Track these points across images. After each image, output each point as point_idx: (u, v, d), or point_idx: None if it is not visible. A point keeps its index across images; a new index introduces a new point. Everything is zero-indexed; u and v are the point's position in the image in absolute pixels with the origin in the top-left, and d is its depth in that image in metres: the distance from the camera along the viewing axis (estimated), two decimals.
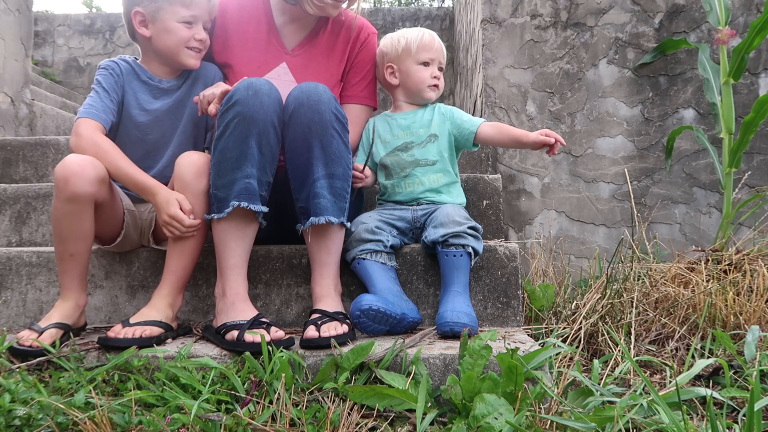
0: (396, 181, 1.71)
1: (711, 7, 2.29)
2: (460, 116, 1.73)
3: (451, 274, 1.50)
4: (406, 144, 1.71)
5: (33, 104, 2.99)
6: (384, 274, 1.53)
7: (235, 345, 1.28)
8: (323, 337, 1.29)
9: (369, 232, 1.57)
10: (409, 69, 1.73)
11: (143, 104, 1.61)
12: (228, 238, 1.42)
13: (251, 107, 1.38)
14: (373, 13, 5.21)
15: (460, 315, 1.41)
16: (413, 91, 1.74)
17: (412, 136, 1.72)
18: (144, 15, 1.58)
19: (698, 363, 1.22)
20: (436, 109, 1.76)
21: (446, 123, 1.72)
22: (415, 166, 1.69)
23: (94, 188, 1.38)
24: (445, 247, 1.51)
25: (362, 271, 1.55)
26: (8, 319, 1.61)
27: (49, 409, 1.03)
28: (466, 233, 1.51)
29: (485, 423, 0.99)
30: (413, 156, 1.70)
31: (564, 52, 2.64)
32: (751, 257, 1.91)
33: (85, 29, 5.20)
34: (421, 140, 1.71)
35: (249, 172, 1.39)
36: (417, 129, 1.72)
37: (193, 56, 1.60)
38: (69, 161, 1.36)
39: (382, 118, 1.80)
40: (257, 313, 1.37)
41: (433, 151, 1.70)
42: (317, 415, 1.09)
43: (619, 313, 1.69)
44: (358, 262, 1.55)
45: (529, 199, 2.60)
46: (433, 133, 1.71)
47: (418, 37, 1.72)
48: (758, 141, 2.56)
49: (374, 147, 1.75)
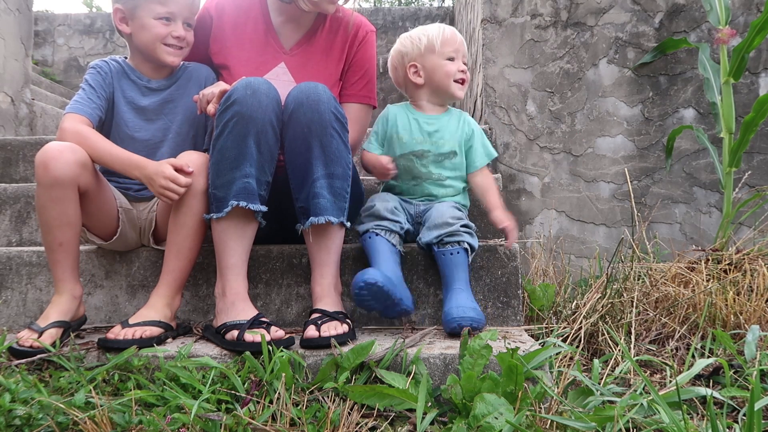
0: (405, 185, 1.69)
1: (711, 6, 2.29)
2: (477, 144, 1.69)
3: (451, 272, 1.50)
4: (423, 152, 1.66)
5: (33, 104, 2.99)
6: (392, 256, 1.51)
7: (235, 345, 1.28)
8: (323, 337, 1.29)
9: (388, 211, 1.56)
10: (435, 65, 1.66)
11: (132, 101, 1.62)
12: (227, 238, 1.42)
13: (250, 107, 1.38)
14: (373, 12, 5.21)
15: (466, 310, 1.40)
16: (441, 88, 1.68)
17: (432, 145, 1.66)
18: (123, 12, 1.59)
19: (698, 362, 1.22)
20: (462, 123, 1.71)
21: (464, 143, 1.69)
22: (427, 178, 1.66)
23: (75, 171, 1.37)
24: (441, 246, 1.51)
25: (371, 246, 1.52)
26: (8, 318, 1.61)
27: (50, 409, 1.03)
28: (460, 231, 1.51)
29: (485, 423, 0.99)
30: (427, 168, 1.66)
31: (564, 51, 2.64)
32: (752, 257, 1.91)
33: (86, 29, 5.19)
34: (440, 153, 1.66)
35: (248, 171, 1.39)
36: (438, 139, 1.67)
37: (171, 53, 1.60)
38: (48, 147, 1.36)
39: (404, 111, 1.73)
40: (257, 312, 1.37)
41: (448, 169, 1.67)
42: (317, 415, 1.09)
43: (619, 313, 1.69)
44: (370, 236, 1.53)
45: (530, 199, 2.59)
46: (452, 150, 1.67)
47: (439, 32, 1.67)
48: (758, 140, 2.56)
49: (390, 140, 1.70)
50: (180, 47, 1.61)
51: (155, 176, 1.40)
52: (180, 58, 1.63)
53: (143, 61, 1.64)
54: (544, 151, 2.61)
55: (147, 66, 1.65)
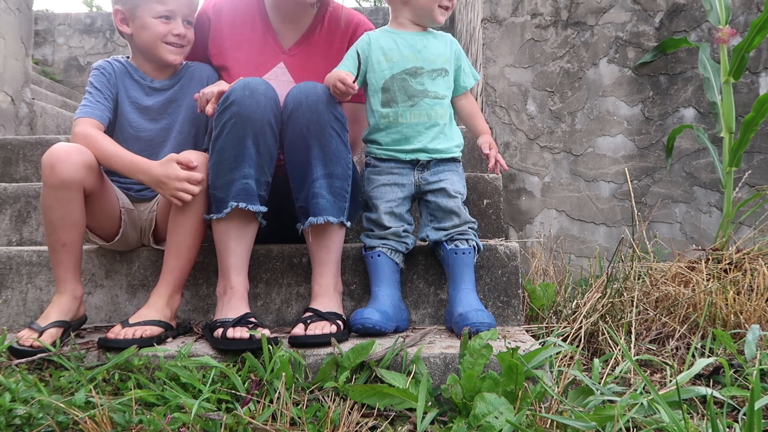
0: (400, 109, 1.55)
1: (711, 6, 2.29)
2: (465, 65, 1.64)
3: (461, 271, 1.50)
4: (416, 69, 1.55)
5: (33, 103, 2.99)
6: (392, 276, 1.53)
7: (217, 342, 1.28)
8: (308, 335, 1.30)
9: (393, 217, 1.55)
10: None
11: (135, 101, 1.62)
12: (228, 238, 1.42)
13: (248, 107, 1.38)
14: (373, 12, 5.22)
15: (483, 315, 1.39)
16: (424, 10, 1.57)
17: (424, 61, 1.56)
18: (123, 12, 1.60)
19: (698, 362, 1.22)
20: (449, 42, 1.63)
21: (453, 62, 1.62)
22: (424, 96, 1.55)
23: (81, 174, 1.37)
24: (451, 243, 1.52)
25: (374, 265, 1.52)
26: (8, 318, 1.61)
27: (50, 409, 1.03)
28: (470, 229, 1.54)
29: (485, 422, 0.99)
30: (423, 85, 1.56)
31: (564, 51, 2.64)
32: (752, 256, 1.91)
33: (86, 28, 5.19)
34: (433, 69, 1.56)
35: (247, 172, 1.39)
36: (429, 55, 1.57)
37: (172, 51, 1.60)
38: (55, 148, 1.37)
39: (385, 33, 1.62)
40: (247, 311, 1.37)
41: (442, 86, 1.58)
42: (317, 414, 1.09)
43: (619, 312, 1.69)
44: (372, 255, 1.53)
45: (530, 198, 2.59)
46: (444, 67, 1.58)
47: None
48: (758, 140, 2.55)
49: (375, 65, 1.57)
50: (181, 45, 1.61)
51: (167, 180, 1.39)
52: (181, 56, 1.63)
53: (145, 61, 1.64)
54: (545, 150, 2.61)
55: (150, 66, 1.65)
